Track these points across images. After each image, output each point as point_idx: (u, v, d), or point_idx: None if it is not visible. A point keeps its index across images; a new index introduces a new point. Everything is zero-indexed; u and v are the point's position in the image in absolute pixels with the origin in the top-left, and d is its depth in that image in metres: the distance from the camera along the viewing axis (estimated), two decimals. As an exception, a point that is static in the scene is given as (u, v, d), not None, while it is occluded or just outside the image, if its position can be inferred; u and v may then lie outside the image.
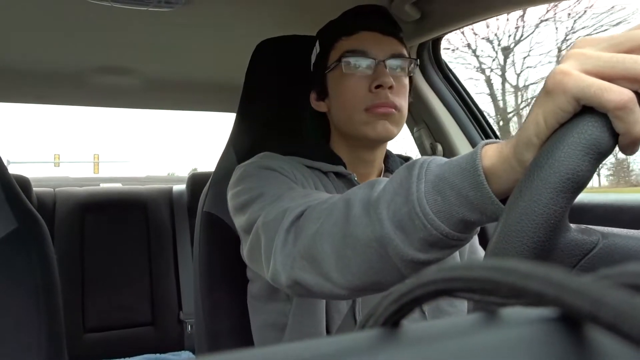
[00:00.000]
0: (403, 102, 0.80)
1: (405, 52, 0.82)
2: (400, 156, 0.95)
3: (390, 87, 0.77)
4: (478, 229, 0.49)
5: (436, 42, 1.30)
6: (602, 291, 0.12)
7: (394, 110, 0.78)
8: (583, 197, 1.05)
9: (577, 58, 0.37)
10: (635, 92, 0.35)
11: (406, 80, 0.82)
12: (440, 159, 0.49)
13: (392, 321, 0.17)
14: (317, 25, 0.90)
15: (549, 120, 0.37)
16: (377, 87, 0.77)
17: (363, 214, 0.51)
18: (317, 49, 0.87)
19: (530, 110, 0.40)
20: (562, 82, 0.36)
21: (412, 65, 0.83)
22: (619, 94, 0.34)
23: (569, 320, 0.15)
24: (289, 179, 0.74)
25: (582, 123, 0.35)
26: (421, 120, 1.34)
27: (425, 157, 0.50)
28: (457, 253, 0.86)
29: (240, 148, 1.00)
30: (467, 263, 0.16)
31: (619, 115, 0.34)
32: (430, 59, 1.32)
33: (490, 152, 0.44)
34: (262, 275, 0.66)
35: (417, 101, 1.29)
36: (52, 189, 2.07)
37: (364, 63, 0.79)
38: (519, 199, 0.35)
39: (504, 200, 0.43)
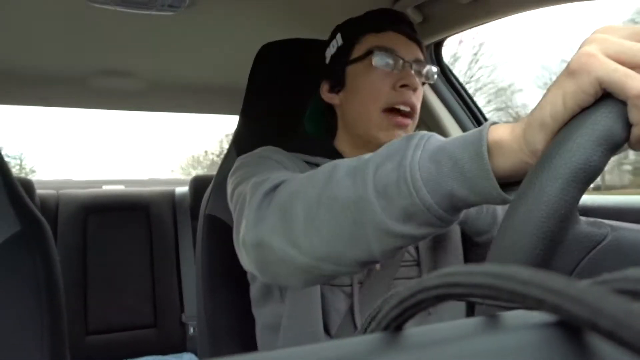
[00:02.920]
0: (419, 106, 0.81)
1: (424, 60, 0.83)
2: None
3: (415, 89, 0.78)
4: (461, 214, 0.48)
5: (438, 45, 1.30)
6: (601, 298, 0.12)
7: (410, 120, 0.79)
8: (586, 199, 1.05)
9: (600, 42, 0.37)
10: None
11: (422, 87, 0.83)
12: (441, 137, 0.49)
13: (394, 325, 0.17)
14: (319, 29, 0.90)
15: (568, 102, 0.37)
16: (402, 86, 0.78)
17: (347, 176, 0.50)
18: (338, 40, 0.86)
19: (547, 91, 0.39)
20: (587, 64, 0.36)
21: (434, 72, 0.83)
22: None
23: (569, 326, 0.15)
24: (285, 169, 0.74)
25: (596, 114, 0.35)
26: (422, 122, 1.34)
27: (426, 132, 0.50)
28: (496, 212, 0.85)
29: (242, 150, 1.00)
30: (468, 268, 0.16)
31: (638, 104, 0.34)
32: (432, 62, 1.32)
33: (502, 129, 0.43)
34: (236, 247, 0.65)
35: (419, 104, 1.29)
36: (55, 191, 2.08)
37: (392, 61, 0.79)
38: (529, 188, 0.35)
39: (501, 185, 0.42)
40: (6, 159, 0.95)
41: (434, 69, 0.83)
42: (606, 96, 0.36)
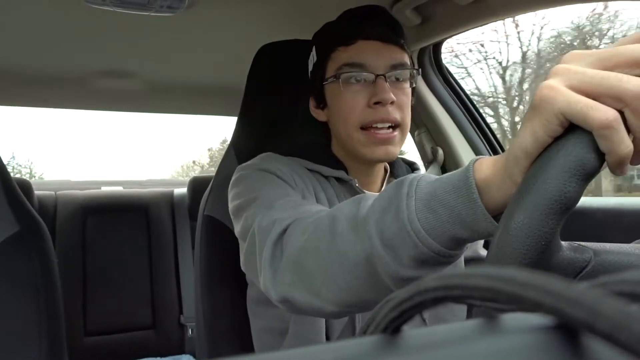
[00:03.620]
0: (405, 115, 0.77)
1: (406, 59, 0.79)
2: (404, 160, 0.93)
3: (392, 103, 0.74)
4: (468, 245, 0.49)
5: (437, 47, 1.30)
6: (598, 300, 0.12)
7: (396, 132, 0.76)
8: (583, 202, 1.05)
9: (563, 74, 0.37)
10: (620, 111, 0.34)
11: (409, 89, 0.79)
12: (429, 177, 0.49)
13: (393, 327, 0.17)
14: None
15: (538, 133, 0.37)
16: (377, 103, 0.74)
17: (350, 230, 0.50)
18: (314, 56, 0.84)
19: (520, 127, 0.40)
20: (548, 97, 0.36)
21: (414, 74, 0.79)
22: (603, 112, 0.34)
23: (566, 329, 0.15)
24: (287, 184, 0.73)
25: (568, 144, 0.35)
26: (422, 124, 1.34)
27: (413, 174, 0.50)
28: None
29: (241, 151, 1.01)
30: (466, 271, 0.16)
31: (603, 135, 0.34)
32: (431, 64, 1.32)
33: (485, 165, 0.44)
34: (256, 284, 0.66)
35: (418, 105, 1.29)
36: (54, 193, 2.08)
37: (362, 77, 0.75)
38: (509, 221, 0.36)
39: (495, 217, 0.43)
40: (17, 167, 0.95)
41: (414, 71, 0.79)
42: (576, 125, 0.36)
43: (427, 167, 1.33)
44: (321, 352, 0.15)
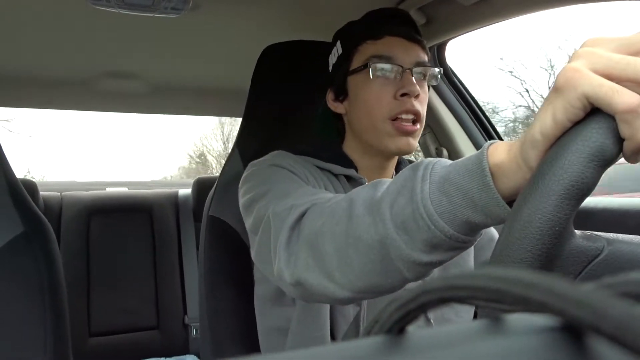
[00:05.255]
0: (425, 110, 0.80)
1: (427, 60, 0.82)
2: (410, 162, 0.94)
3: (417, 96, 0.77)
4: (482, 231, 0.48)
5: (441, 47, 1.30)
6: (604, 302, 0.12)
7: (417, 125, 0.78)
8: (589, 201, 1.05)
9: (587, 57, 0.36)
10: None
11: (426, 87, 0.82)
12: (445, 161, 0.49)
13: (397, 328, 0.17)
14: (323, 30, 0.90)
15: (558, 117, 0.37)
16: (403, 95, 0.77)
17: (366, 213, 0.51)
18: (338, 49, 0.86)
19: (539, 109, 0.39)
20: (573, 79, 0.36)
21: (437, 74, 0.82)
22: (629, 96, 0.34)
23: (572, 330, 0.15)
24: (299, 178, 0.74)
25: (587, 130, 0.35)
26: (426, 125, 1.34)
27: (430, 158, 0.50)
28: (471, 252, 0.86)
29: (246, 152, 1.01)
30: (472, 272, 0.16)
31: (626, 119, 0.34)
32: (435, 64, 1.32)
33: (500, 150, 0.44)
34: (269, 277, 0.66)
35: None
36: (59, 193, 2.09)
37: (390, 69, 0.78)
38: (523, 206, 0.35)
39: (509, 202, 0.43)
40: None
41: (437, 70, 0.82)
42: (596, 110, 0.35)
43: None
44: (325, 353, 0.15)
